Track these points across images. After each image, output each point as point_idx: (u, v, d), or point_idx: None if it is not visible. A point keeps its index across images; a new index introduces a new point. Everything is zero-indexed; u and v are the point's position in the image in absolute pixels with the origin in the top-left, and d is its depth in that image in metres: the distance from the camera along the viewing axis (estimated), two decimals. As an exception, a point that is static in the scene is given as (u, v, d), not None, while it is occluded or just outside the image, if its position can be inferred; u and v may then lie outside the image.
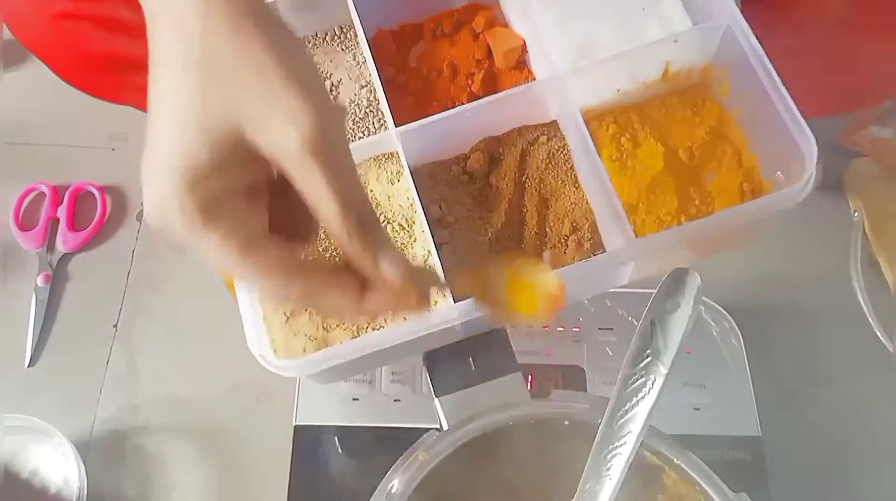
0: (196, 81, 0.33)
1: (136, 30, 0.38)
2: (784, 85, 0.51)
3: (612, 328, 0.74)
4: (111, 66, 0.73)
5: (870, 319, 0.77)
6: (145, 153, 0.34)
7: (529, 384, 0.71)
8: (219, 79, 0.33)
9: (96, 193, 0.87)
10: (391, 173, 0.56)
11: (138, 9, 0.36)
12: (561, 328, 0.74)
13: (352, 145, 0.57)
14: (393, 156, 0.57)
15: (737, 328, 0.74)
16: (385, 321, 0.52)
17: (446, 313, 0.49)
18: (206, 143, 0.32)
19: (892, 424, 0.73)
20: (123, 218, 0.88)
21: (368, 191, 0.57)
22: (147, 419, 0.78)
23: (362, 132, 0.59)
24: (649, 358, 0.48)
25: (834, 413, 0.74)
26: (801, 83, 0.76)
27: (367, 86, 0.61)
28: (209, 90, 0.33)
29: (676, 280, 0.47)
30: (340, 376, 0.65)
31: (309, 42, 0.64)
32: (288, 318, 0.53)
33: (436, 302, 0.50)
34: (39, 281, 0.84)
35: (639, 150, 0.57)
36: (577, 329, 0.74)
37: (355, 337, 0.52)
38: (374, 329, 0.52)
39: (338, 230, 0.34)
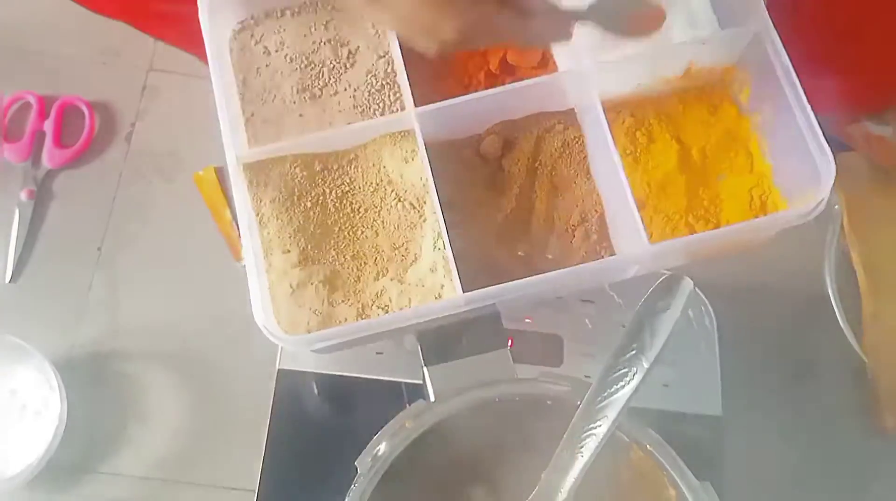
0: None
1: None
2: (809, 102, 0.51)
3: (593, 302, 0.76)
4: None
5: (836, 311, 0.80)
6: None
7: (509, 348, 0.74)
8: None
9: (85, 108, 0.85)
10: (406, 152, 0.56)
11: None
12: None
13: (369, 122, 0.57)
14: (409, 134, 0.56)
15: (711, 310, 0.77)
16: (391, 302, 0.53)
17: (454, 302, 0.50)
18: None
19: (846, 417, 0.78)
20: (112, 138, 0.86)
21: (381, 167, 0.57)
22: (128, 346, 0.78)
23: (378, 104, 0.59)
24: (634, 352, 0.52)
25: (793, 401, 0.78)
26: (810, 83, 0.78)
27: (384, 56, 0.60)
28: None
29: (671, 284, 0.50)
30: (340, 349, 0.67)
31: (328, 5, 0.62)
32: (294, 290, 0.53)
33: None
34: (23, 196, 0.82)
35: (653, 145, 0.58)
36: (559, 298, 0.76)
37: (360, 316, 0.53)
38: (380, 309, 0.53)
39: None
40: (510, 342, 0.75)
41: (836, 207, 0.86)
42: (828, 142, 0.62)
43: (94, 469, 0.75)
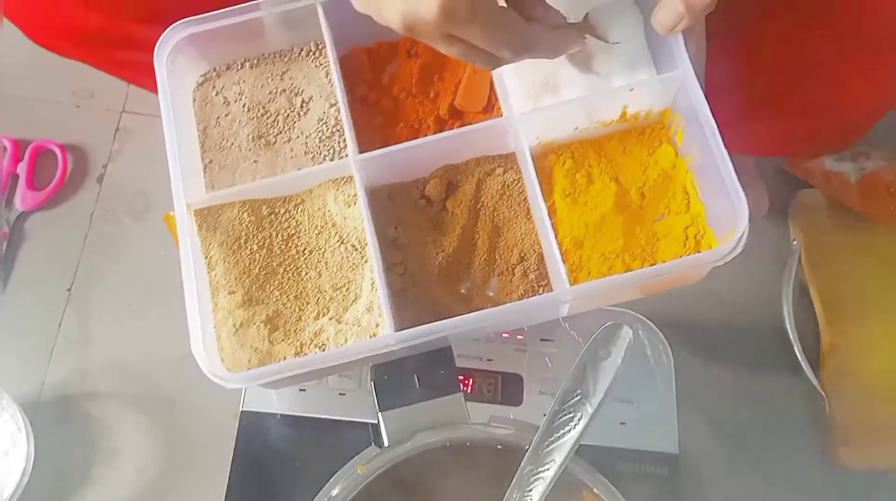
0: None
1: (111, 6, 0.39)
2: (726, 147, 0.53)
3: (552, 340, 0.77)
4: (85, 37, 0.73)
5: (794, 346, 0.81)
6: None
7: (469, 389, 0.75)
8: None
9: (58, 151, 0.87)
10: (348, 196, 0.58)
11: None
12: (506, 335, 0.77)
13: (313, 168, 0.59)
14: (351, 180, 0.58)
15: (668, 348, 0.78)
16: (328, 340, 0.54)
17: (385, 340, 0.52)
18: None
19: (803, 452, 0.78)
20: (84, 179, 0.88)
21: (326, 211, 0.59)
22: (96, 386, 0.80)
23: (328, 150, 0.61)
24: (578, 397, 0.53)
25: (751, 437, 0.78)
26: (763, 122, 0.79)
27: (335, 104, 0.62)
28: None
29: (612, 333, 0.53)
30: (286, 385, 0.68)
31: (284, 57, 0.65)
32: (237, 330, 0.55)
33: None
34: (-5, 238, 0.84)
35: (592, 187, 0.59)
36: (520, 337, 0.77)
37: (298, 353, 0.54)
38: (317, 348, 0.54)
39: None
40: (471, 381, 0.76)
41: (795, 242, 0.87)
42: (787, 177, 0.63)
43: (62, 510, 0.75)
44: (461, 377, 0.74)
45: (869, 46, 0.74)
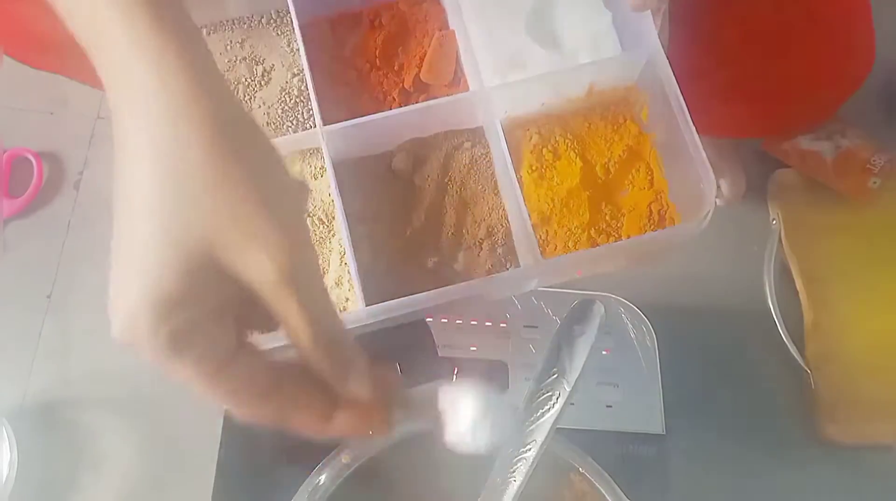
0: (170, 199, 0.32)
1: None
2: (694, 123, 0.53)
3: (536, 326, 0.76)
4: (53, 46, 0.73)
5: (777, 324, 0.81)
6: (115, 263, 0.33)
7: (454, 377, 0.74)
8: (192, 199, 0.32)
9: (33, 159, 0.87)
10: (315, 168, 0.58)
11: None
12: (489, 323, 0.77)
13: (278, 139, 0.58)
14: (318, 151, 0.58)
15: (652, 330, 0.78)
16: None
17: (356, 314, 0.51)
18: (181, 270, 0.32)
19: (789, 429, 0.78)
20: (60, 186, 0.88)
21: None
22: (79, 392, 0.79)
23: (291, 122, 0.60)
24: (555, 376, 0.53)
25: (736, 415, 0.78)
26: (735, 105, 0.80)
27: (298, 74, 0.61)
28: (183, 211, 0.32)
29: (583, 309, 0.52)
30: None
31: (244, 24, 0.63)
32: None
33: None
34: (-28, 248, 0.84)
35: (558, 162, 0.60)
36: (503, 325, 0.77)
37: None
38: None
39: (309, 353, 0.35)
40: (455, 370, 0.75)
41: (774, 222, 0.88)
42: (767, 159, 0.63)
43: (46, 519, 0.75)
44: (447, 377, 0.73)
45: (838, 20, 0.75)
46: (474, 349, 0.76)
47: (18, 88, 0.91)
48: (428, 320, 0.65)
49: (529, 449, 0.53)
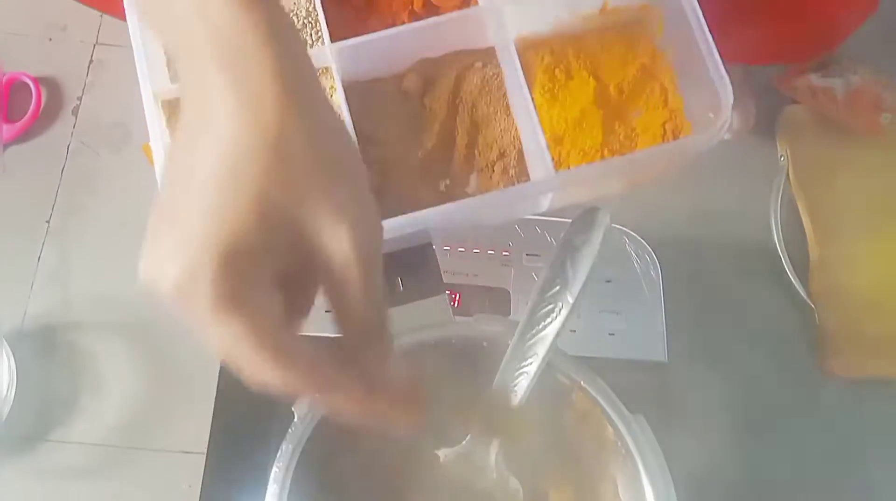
0: (262, 154, 0.29)
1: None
2: (711, 32, 0.52)
3: (539, 255, 0.76)
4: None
5: (782, 259, 0.81)
6: (167, 192, 0.31)
7: (457, 303, 0.74)
8: (290, 156, 0.30)
9: (31, 84, 0.85)
10: (325, 89, 0.56)
11: None
12: (491, 252, 0.76)
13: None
14: (327, 71, 0.57)
15: (656, 261, 0.77)
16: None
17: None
18: (262, 222, 0.29)
19: (791, 361, 0.78)
20: (59, 111, 0.86)
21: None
22: (79, 315, 0.79)
23: (299, 43, 0.59)
24: (558, 288, 0.51)
25: (738, 347, 0.78)
26: (748, 29, 0.78)
27: (307, -6, 0.60)
28: (279, 164, 0.29)
29: (588, 218, 0.50)
30: None
31: None
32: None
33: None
34: (-29, 171, 0.83)
35: (571, 82, 0.59)
36: (505, 253, 0.76)
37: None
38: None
39: (355, 334, 0.34)
40: (457, 296, 0.75)
41: (782, 158, 0.87)
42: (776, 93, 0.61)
43: (46, 438, 0.75)
44: (447, 293, 0.73)
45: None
46: (476, 275, 0.76)
47: (17, 12, 0.89)
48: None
49: (531, 363, 0.52)
